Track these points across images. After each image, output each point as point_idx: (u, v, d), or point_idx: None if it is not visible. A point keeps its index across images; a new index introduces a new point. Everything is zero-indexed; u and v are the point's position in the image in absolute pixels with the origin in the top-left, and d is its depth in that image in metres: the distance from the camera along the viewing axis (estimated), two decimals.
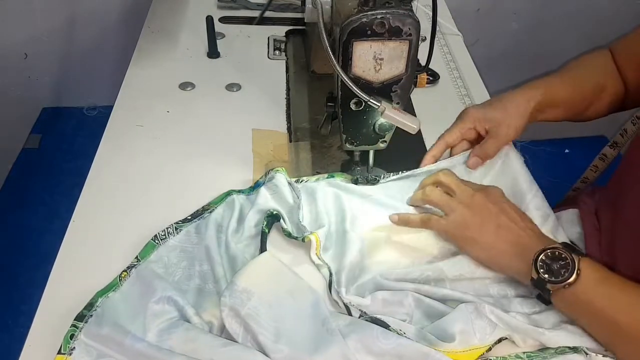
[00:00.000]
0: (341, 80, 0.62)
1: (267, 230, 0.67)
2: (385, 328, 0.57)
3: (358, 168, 0.77)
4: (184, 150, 0.80)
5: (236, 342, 0.55)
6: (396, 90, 0.65)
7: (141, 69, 0.96)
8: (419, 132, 0.75)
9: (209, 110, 0.88)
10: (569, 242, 0.61)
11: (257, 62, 1.00)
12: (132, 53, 0.99)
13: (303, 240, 0.65)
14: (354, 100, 0.66)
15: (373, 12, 0.58)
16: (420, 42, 0.62)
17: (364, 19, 0.58)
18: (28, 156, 1.53)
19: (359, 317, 0.59)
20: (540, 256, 0.57)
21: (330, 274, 0.63)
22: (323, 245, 0.64)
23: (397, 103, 0.66)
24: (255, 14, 1.10)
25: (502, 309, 0.58)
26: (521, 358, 0.57)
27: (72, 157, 1.42)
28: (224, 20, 1.09)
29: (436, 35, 0.71)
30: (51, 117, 1.64)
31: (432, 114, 0.87)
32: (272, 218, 0.68)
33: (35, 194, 1.44)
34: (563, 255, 0.57)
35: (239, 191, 0.72)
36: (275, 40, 1.05)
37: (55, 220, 0.74)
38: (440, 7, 0.68)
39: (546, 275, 0.57)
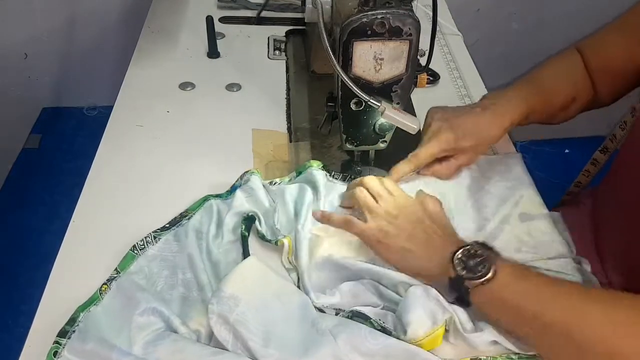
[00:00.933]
0: (341, 80, 0.62)
1: (247, 234, 0.66)
2: (367, 320, 0.57)
3: (358, 168, 0.77)
4: (183, 150, 0.80)
5: (226, 349, 0.55)
6: (396, 90, 0.65)
7: (141, 69, 0.96)
8: (419, 132, 0.74)
9: (209, 110, 0.88)
10: (484, 243, 0.60)
11: (257, 62, 1.00)
12: (132, 53, 0.99)
13: (276, 243, 0.64)
14: (354, 100, 0.66)
15: (373, 12, 0.58)
16: (419, 56, 0.62)
17: (364, 19, 0.58)
18: (28, 156, 1.54)
19: (337, 316, 0.59)
20: (457, 254, 0.57)
21: (299, 279, 0.63)
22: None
23: (397, 103, 0.66)
24: (256, 14, 1.10)
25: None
26: (511, 359, 0.56)
27: (72, 157, 1.42)
28: (224, 20, 1.09)
29: (436, 35, 0.71)
30: (51, 117, 1.65)
31: None
32: (249, 221, 0.67)
33: (35, 194, 1.44)
34: (479, 252, 0.57)
35: (216, 196, 0.71)
36: (275, 40, 1.05)
37: (55, 220, 0.74)
38: (440, 7, 0.67)
39: (464, 272, 0.56)
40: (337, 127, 0.72)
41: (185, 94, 0.91)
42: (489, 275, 0.55)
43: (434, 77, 0.97)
